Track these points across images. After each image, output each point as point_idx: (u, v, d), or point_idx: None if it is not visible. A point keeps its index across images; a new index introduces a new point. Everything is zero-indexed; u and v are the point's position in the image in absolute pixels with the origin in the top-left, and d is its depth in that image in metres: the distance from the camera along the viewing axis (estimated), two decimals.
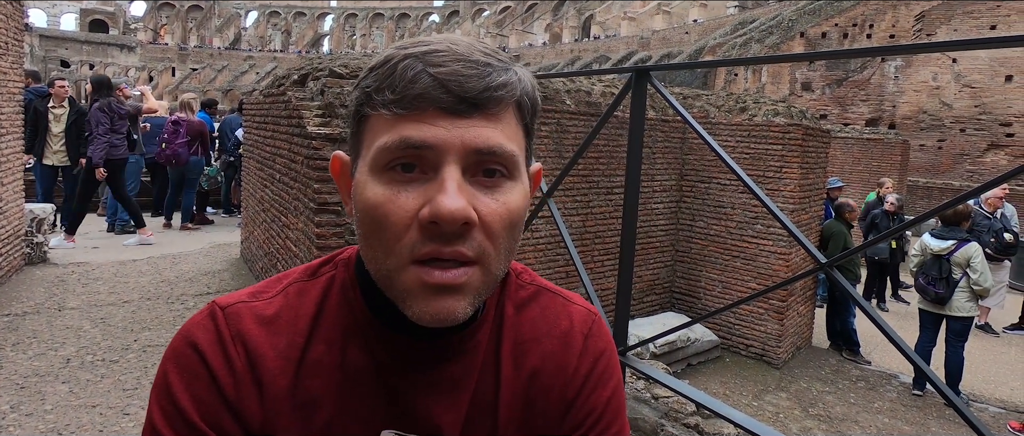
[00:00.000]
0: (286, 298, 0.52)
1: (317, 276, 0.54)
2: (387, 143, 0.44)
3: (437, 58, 0.44)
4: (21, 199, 4.38)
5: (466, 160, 0.44)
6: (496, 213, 0.45)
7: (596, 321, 0.58)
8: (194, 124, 6.27)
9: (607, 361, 0.57)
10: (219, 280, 4.45)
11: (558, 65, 38.06)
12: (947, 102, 16.17)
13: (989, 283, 4.60)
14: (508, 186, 0.46)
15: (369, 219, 0.45)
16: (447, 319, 0.44)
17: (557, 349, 0.55)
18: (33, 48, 43.13)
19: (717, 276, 5.67)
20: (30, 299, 3.80)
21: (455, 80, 0.43)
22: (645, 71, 2.07)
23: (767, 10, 29.28)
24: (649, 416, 2.17)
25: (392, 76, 0.44)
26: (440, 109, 0.43)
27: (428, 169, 0.44)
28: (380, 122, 0.45)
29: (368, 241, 0.46)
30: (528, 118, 0.49)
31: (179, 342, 0.50)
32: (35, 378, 2.75)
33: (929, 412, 4.74)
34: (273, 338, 0.50)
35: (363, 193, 0.45)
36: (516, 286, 0.57)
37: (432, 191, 0.43)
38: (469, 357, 0.52)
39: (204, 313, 0.51)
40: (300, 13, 60.15)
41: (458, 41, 0.46)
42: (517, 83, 0.46)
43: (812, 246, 1.66)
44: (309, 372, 0.49)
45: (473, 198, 0.44)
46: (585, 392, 0.55)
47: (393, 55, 0.45)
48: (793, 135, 5.22)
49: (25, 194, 4.54)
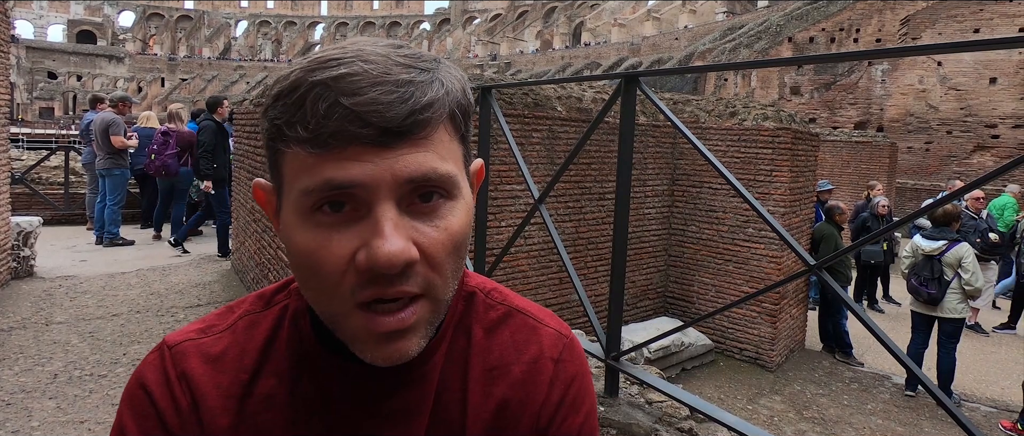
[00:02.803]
0: (234, 334, 0.51)
1: (270, 306, 0.53)
2: (309, 186, 0.40)
3: (350, 84, 0.39)
4: (8, 212, 4.33)
5: (399, 192, 0.40)
6: (438, 242, 0.42)
7: (567, 344, 0.56)
8: (184, 135, 6.22)
9: (579, 385, 0.55)
10: (210, 292, 4.40)
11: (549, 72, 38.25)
12: (933, 105, 16.39)
13: (981, 283, 4.64)
14: (448, 208, 0.43)
15: (302, 266, 0.42)
16: (401, 360, 0.43)
17: (526, 377, 0.53)
18: (20, 60, 42.78)
19: (710, 280, 5.69)
20: (16, 314, 3.75)
21: (374, 110, 0.39)
22: (634, 77, 2.08)
23: (755, 15, 29.62)
24: (643, 421, 2.16)
25: (301, 109, 0.39)
26: (363, 144, 0.39)
27: (359, 206, 0.40)
28: (297, 160, 0.41)
29: (306, 285, 0.44)
30: (463, 126, 0.45)
31: (133, 382, 0.50)
32: (22, 394, 2.70)
33: (922, 412, 4.77)
34: (217, 376, 0.49)
35: (292, 238, 0.42)
36: (485, 306, 0.55)
37: (366, 233, 0.40)
38: (423, 383, 0.50)
39: (154, 352, 0.51)
40: (290, 22, 60.13)
41: (370, 55, 0.41)
42: (445, 97, 0.42)
43: (801, 248, 1.67)
44: (257, 407, 0.49)
45: (412, 231, 0.41)
46: (557, 420, 0.53)
47: (300, 81, 0.40)
48: (783, 139, 5.26)
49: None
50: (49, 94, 43.94)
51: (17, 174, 6.58)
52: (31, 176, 7.23)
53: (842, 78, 18.06)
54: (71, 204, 7.17)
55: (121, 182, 5.85)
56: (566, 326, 0.59)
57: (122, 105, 6.11)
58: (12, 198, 4.56)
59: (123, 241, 5.88)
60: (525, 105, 4.49)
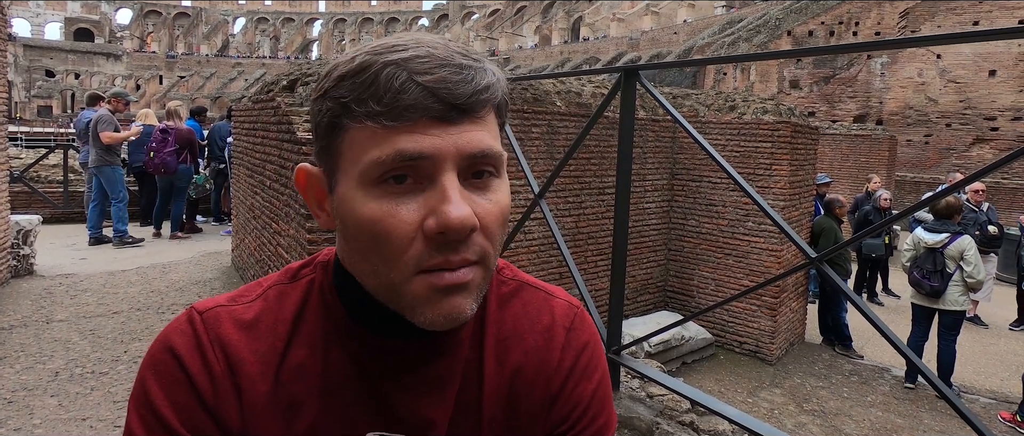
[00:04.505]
0: (266, 302, 0.51)
1: (297, 279, 0.53)
2: (380, 157, 0.42)
3: (420, 65, 0.43)
4: (7, 211, 4.32)
5: (460, 166, 0.44)
6: (491, 213, 0.45)
7: (578, 314, 0.58)
8: (182, 132, 6.21)
9: (590, 353, 0.57)
10: (210, 289, 4.41)
11: (548, 67, 38.17)
12: (933, 97, 16.38)
13: (982, 275, 4.64)
14: (496, 184, 0.47)
15: (367, 236, 0.44)
16: (458, 319, 0.45)
17: (539, 344, 0.55)
18: (17, 58, 42.65)
19: (710, 274, 5.70)
20: (17, 312, 3.75)
21: (444, 87, 0.43)
22: (633, 71, 2.08)
23: (754, 9, 29.53)
24: (644, 415, 2.16)
25: (375, 86, 0.42)
26: (431, 118, 0.43)
27: (422, 179, 0.43)
28: (364, 134, 0.43)
29: (366, 256, 0.45)
30: (503, 115, 0.49)
31: (157, 348, 0.49)
32: (23, 392, 2.70)
33: (921, 404, 4.79)
34: (253, 342, 0.49)
35: (355, 210, 0.44)
36: (498, 282, 0.57)
37: (433, 201, 0.43)
38: (453, 354, 0.52)
39: (182, 318, 0.50)
40: (288, 19, 59.92)
41: (432, 43, 0.45)
42: (497, 84, 0.46)
43: (801, 241, 1.67)
44: (291, 376, 0.49)
45: (470, 202, 0.44)
46: (569, 386, 0.55)
47: (370, 62, 0.43)
48: (782, 132, 5.26)
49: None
50: (47, 92, 43.83)
51: (16, 172, 6.57)
52: (30, 174, 7.22)
53: (841, 72, 18.03)
54: (70, 202, 7.16)
55: (116, 178, 5.77)
56: (575, 299, 0.61)
57: (115, 101, 6.04)
58: (11, 197, 4.55)
59: (132, 240, 5.81)
60: (524, 100, 4.48)
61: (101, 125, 5.59)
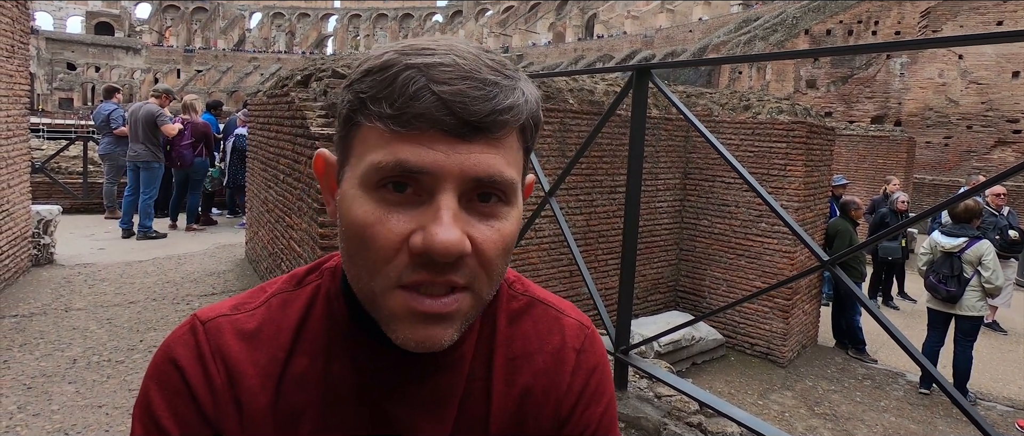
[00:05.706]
0: (268, 310, 0.51)
1: (302, 285, 0.53)
2: (381, 162, 0.41)
3: (442, 73, 0.40)
4: (28, 201, 4.41)
5: (463, 187, 0.41)
6: (491, 240, 0.43)
7: (589, 335, 0.57)
8: (198, 126, 6.29)
9: (600, 376, 0.56)
10: (224, 281, 4.46)
11: (562, 64, 38.02)
12: (953, 99, 16.07)
13: (1001, 281, 4.55)
14: (503, 212, 0.44)
15: (355, 238, 0.43)
16: (433, 347, 0.43)
17: (550, 366, 0.54)
18: (40, 51, 43.45)
19: (721, 274, 5.65)
20: (37, 300, 3.83)
21: (460, 101, 0.40)
22: (646, 69, 2.07)
23: (771, 7, 29.16)
24: (652, 415, 2.16)
25: (391, 87, 0.41)
26: (441, 131, 0.40)
27: (422, 192, 0.42)
28: (373, 135, 0.42)
29: (352, 259, 0.44)
30: (529, 139, 0.46)
31: (160, 358, 0.49)
32: (42, 378, 2.77)
33: (936, 411, 4.71)
34: (254, 353, 0.49)
35: (350, 209, 0.43)
36: (508, 297, 0.56)
37: (425, 218, 0.41)
38: (454, 370, 0.51)
39: (185, 327, 0.50)
40: (304, 14, 60.33)
41: (464, 52, 0.42)
42: (524, 105, 0.43)
43: (814, 243, 1.65)
44: (291, 386, 0.49)
45: (467, 225, 0.42)
46: (578, 409, 0.54)
47: (393, 62, 0.41)
48: (797, 133, 5.19)
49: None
50: (68, 85, 44.58)
51: (37, 163, 6.70)
52: (51, 165, 7.35)
53: (859, 71, 17.75)
54: (90, 193, 7.29)
55: (158, 176, 5.85)
56: (586, 317, 0.60)
57: (164, 97, 6.18)
58: (32, 187, 4.65)
59: (156, 234, 5.86)
60: None
61: (160, 119, 5.70)
